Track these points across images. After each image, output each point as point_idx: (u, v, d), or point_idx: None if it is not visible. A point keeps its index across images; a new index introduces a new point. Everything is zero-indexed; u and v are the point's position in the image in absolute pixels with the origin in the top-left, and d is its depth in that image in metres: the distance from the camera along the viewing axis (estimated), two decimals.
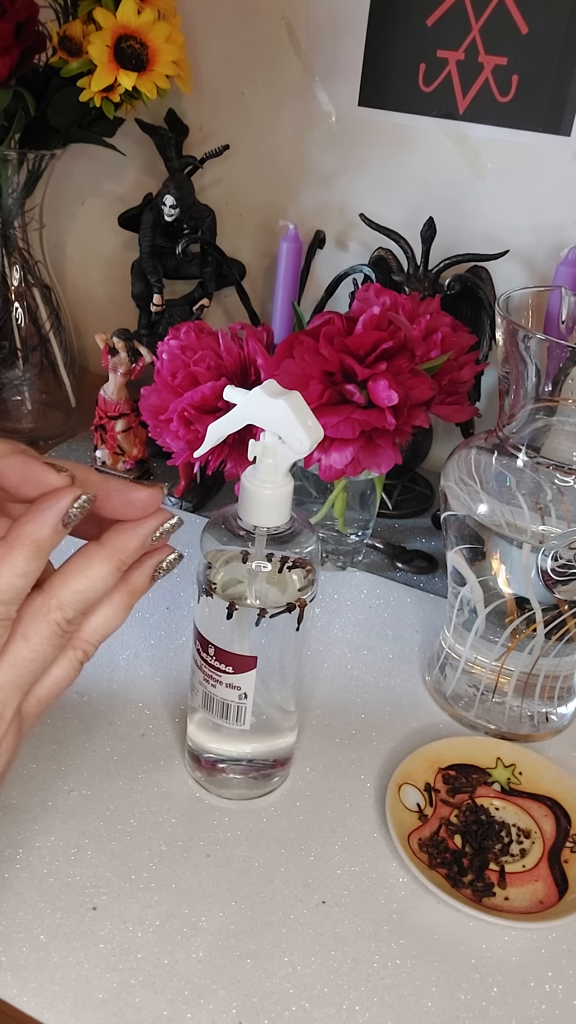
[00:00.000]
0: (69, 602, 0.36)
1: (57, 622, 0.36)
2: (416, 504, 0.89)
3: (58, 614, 0.36)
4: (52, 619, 0.36)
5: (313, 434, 0.45)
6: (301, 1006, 0.46)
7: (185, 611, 0.72)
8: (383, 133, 0.87)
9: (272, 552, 0.49)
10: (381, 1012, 0.46)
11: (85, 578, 0.36)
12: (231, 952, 0.48)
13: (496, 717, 0.63)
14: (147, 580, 0.39)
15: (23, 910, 0.49)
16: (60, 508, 0.34)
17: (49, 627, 0.36)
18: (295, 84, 0.88)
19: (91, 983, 0.46)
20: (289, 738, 0.56)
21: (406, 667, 0.69)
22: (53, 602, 0.36)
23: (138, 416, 0.82)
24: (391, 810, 0.55)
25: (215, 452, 0.68)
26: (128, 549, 0.37)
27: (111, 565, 0.37)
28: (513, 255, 0.84)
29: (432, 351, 0.69)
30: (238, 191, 0.95)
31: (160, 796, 0.56)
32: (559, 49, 0.77)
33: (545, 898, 0.52)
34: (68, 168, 1.00)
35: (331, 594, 0.76)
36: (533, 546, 0.56)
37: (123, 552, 0.37)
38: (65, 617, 0.36)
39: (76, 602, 0.36)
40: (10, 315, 0.92)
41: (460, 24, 0.79)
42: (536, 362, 0.55)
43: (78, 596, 0.36)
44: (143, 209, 0.90)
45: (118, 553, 0.37)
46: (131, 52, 0.77)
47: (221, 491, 0.89)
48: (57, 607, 0.36)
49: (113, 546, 0.37)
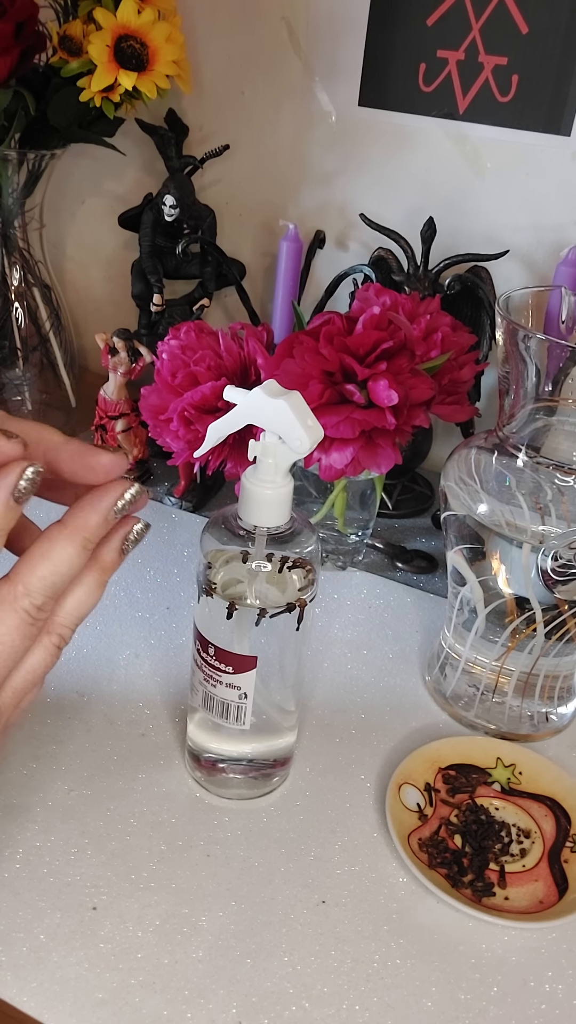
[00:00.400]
0: (36, 588, 0.35)
1: (26, 609, 0.35)
2: (416, 504, 0.89)
3: (26, 601, 0.35)
4: (20, 607, 0.34)
5: (313, 434, 0.45)
6: (301, 1006, 0.46)
7: (185, 611, 0.72)
8: (383, 133, 0.87)
9: (272, 552, 0.49)
10: (381, 1012, 0.46)
11: (50, 562, 0.35)
12: (231, 952, 0.48)
13: (496, 717, 0.63)
14: (117, 554, 0.37)
15: (23, 910, 0.49)
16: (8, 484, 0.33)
17: (18, 615, 0.35)
18: (295, 84, 0.88)
19: (91, 983, 0.46)
20: (289, 738, 0.56)
21: (406, 667, 0.69)
22: (20, 588, 0.34)
23: (138, 416, 0.82)
24: (391, 810, 0.55)
25: (215, 452, 0.68)
26: (91, 526, 0.35)
27: (76, 545, 0.35)
28: (513, 255, 0.84)
29: (432, 351, 0.69)
30: (238, 191, 0.95)
31: (160, 796, 0.56)
32: (559, 49, 0.77)
33: (545, 898, 0.52)
34: (68, 168, 1.00)
35: (331, 594, 0.76)
36: (533, 546, 0.56)
37: (86, 530, 0.35)
38: (34, 604, 0.35)
39: (43, 587, 0.35)
40: (10, 315, 0.92)
41: (460, 24, 0.79)
42: (536, 362, 0.55)
43: (45, 581, 0.35)
44: (143, 209, 0.90)
45: (81, 531, 0.35)
46: (131, 52, 0.77)
47: (221, 491, 0.89)
48: (24, 594, 0.34)
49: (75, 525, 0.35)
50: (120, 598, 0.73)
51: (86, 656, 0.66)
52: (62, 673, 0.64)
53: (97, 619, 0.70)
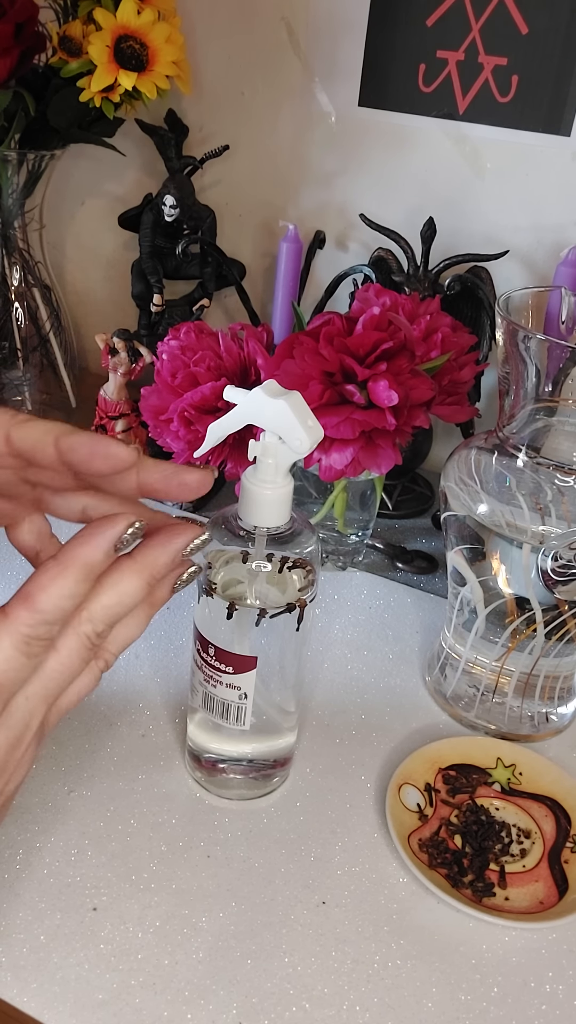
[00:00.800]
0: (99, 616, 0.36)
1: (88, 635, 0.36)
2: (416, 504, 0.89)
3: (88, 627, 0.36)
4: (83, 632, 0.36)
5: (313, 434, 0.45)
6: (301, 1006, 0.46)
7: (185, 611, 0.72)
8: (383, 133, 0.87)
9: (272, 552, 0.49)
10: (381, 1012, 0.46)
11: (116, 593, 0.36)
12: (231, 953, 0.48)
13: (496, 717, 0.63)
14: (168, 592, 0.39)
15: (23, 911, 0.49)
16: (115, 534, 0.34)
17: (79, 640, 0.36)
18: (295, 84, 0.88)
19: (91, 984, 0.46)
20: (289, 738, 0.56)
21: (406, 667, 0.69)
22: (84, 615, 0.36)
23: (138, 416, 0.82)
24: (391, 810, 0.55)
25: (215, 452, 0.68)
26: (159, 565, 0.37)
27: (142, 581, 0.37)
28: (513, 255, 0.84)
29: (432, 351, 0.69)
30: (238, 191, 0.95)
31: (160, 796, 0.56)
32: (559, 49, 0.77)
33: (545, 898, 0.52)
34: (68, 168, 1.00)
35: (331, 594, 0.76)
36: (533, 546, 0.56)
37: (154, 568, 0.37)
38: (96, 631, 0.36)
39: (106, 616, 0.36)
40: (10, 315, 0.92)
41: (460, 24, 0.79)
42: (536, 362, 0.55)
43: (108, 611, 0.36)
44: (143, 209, 0.90)
45: (149, 568, 0.37)
46: (131, 52, 0.77)
47: (221, 491, 0.89)
48: (88, 620, 0.36)
49: (144, 562, 0.37)
50: None
51: None
52: None
53: None
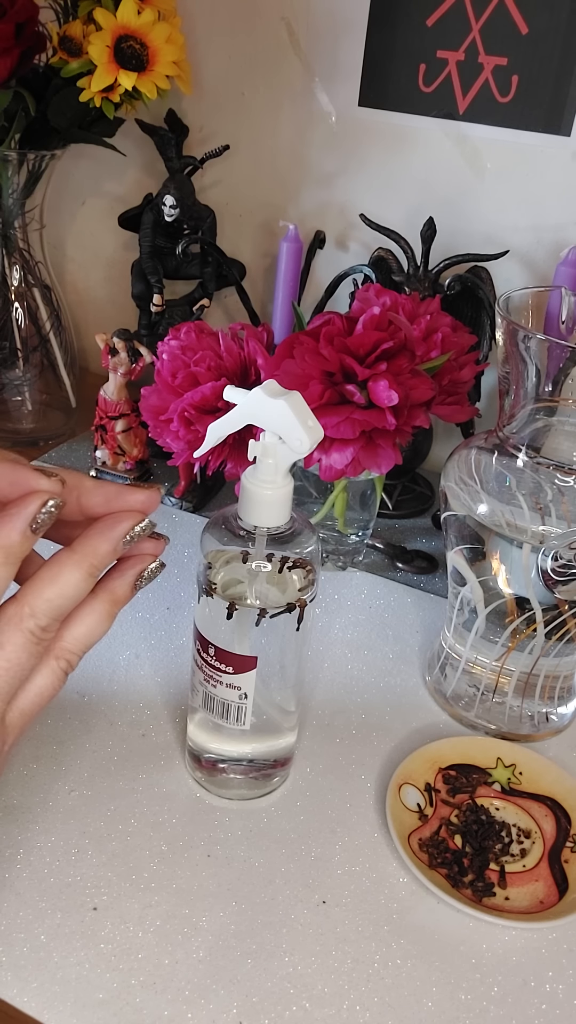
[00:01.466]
0: (41, 609, 0.36)
1: (31, 630, 0.36)
2: (416, 504, 0.89)
3: (31, 622, 0.36)
4: (26, 627, 0.36)
5: (313, 434, 0.45)
6: (302, 1006, 0.46)
7: (185, 611, 0.72)
8: (383, 133, 0.87)
9: (272, 552, 0.49)
10: (381, 1012, 0.46)
11: (56, 586, 0.36)
12: (232, 952, 0.48)
13: (496, 717, 0.63)
14: (129, 589, 0.39)
15: (24, 910, 0.49)
16: (28, 513, 0.34)
17: (23, 635, 0.36)
18: (295, 84, 0.88)
19: (92, 983, 0.46)
20: (289, 738, 0.56)
21: (406, 667, 0.69)
22: (26, 610, 0.36)
23: (138, 416, 0.82)
24: (391, 810, 0.55)
25: (215, 452, 0.68)
26: (99, 554, 0.37)
27: (82, 571, 0.36)
28: (513, 255, 0.84)
29: (432, 351, 0.69)
30: (238, 191, 0.95)
31: (160, 796, 0.56)
32: (559, 49, 0.77)
33: (545, 898, 0.52)
34: (68, 168, 1.00)
35: (331, 594, 0.76)
36: (533, 546, 0.56)
37: (94, 557, 0.37)
38: (39, 625, 0.36)
39: (48, 609, 0.36)
40: (10, 315, 0.92)
41: (460, 24, 0.79)
42: (536, 362, 0.55)
43: (50, 604, 0.36)
44: (143, 209, 0.90)
45: (88, 558, 0.36)
46: (131, 52, 0.77)
47: (221, 491, 0.89)
48: (30, 615, 0.36)
49: (84, 551, 0.36)
50: None
51: (86, 656, 0.66)
52: None
53: None
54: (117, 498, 0.38)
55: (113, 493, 0.38)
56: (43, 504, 0.34)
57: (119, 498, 0.38)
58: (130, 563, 0.39)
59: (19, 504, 0.34)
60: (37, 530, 0.35)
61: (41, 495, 0.34)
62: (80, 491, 0.37)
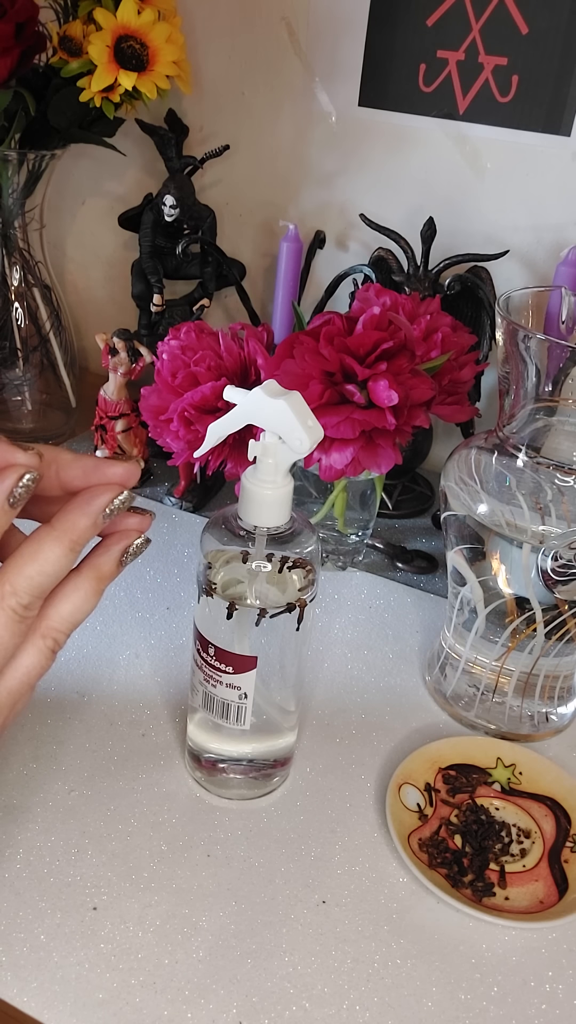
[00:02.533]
0: (22, 587, 0.35)
1: (13, 608, 0.35)
2: (416, 504, 0.89)
3: (12, 600, 0.35)
4: (7, 605, 0.35)
5: (313, 434, 0.45)
6: (301, 1006, 0.46)
7: (185, 611, 0.72)
8: (383, 133, 0.87)
9: (272, 552, 0.49)
10: (381, 1012, 0.46)
11: (37, 562, 0.35)
12: (231, 952, 0.48)
13: (496, 717, 0.63)
14: (115, 565, 0.38)
15: (23, 910, 0.49)
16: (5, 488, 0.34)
17: (4, 614, 0.35)
18: (295, 84, 0.88)
19: (91, 983, 0.46)
20: (289, 738, 0.56)
21: (406, 667, 0.69)
22: (7, 588, 0.35)
23: (138, 416, 0.82)
24: (391, 810, 0.55)
25: (215, 452, 0.68)
26: (79, 528, 0.36)
27: (63, 547, 0.36)
28: (513, 255, 0.84)
29: (432, 351, 0.69)
30: (238, 191, 0.95)
31: (160, 796, 0.56)
32: (559, 49, 0.77)
33: (545, 898, 0.52)
34: (68, 168, 1.00)
35: (331, 594, 0.76)
36: (533, 546, 0.56)
37: (73, 532, 0.36)
38: (20, 603, 0.35)
39: (30, 587, 0.35)
40: (10, 315, 0.92)
41: (460, 24, 0.79)
42: (536, 362, 0.55)
43: (31, 581, 0.35)
44: (143, 209, 0.90)
45: (68, 533, 0.36)
46: (131, 52, 0.77)
47: (221, 491, 0.89)
48: (11, 593, 0.35)
49: (63, 527, 0.36)
50: (120, 598, 0.73)
51: (86, 656, 0.66)
52: (62, 673, 0.64)
53: (97, 619, 0.70)
54: (95, 471, 0.37)
55: (91, 466, 0.37)
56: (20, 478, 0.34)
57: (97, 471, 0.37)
58: (115, 538, 0.38)
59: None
60: (15, 504, 0.34)
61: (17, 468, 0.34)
62: (58, 465, 0.37)
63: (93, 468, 0.37)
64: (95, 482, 0.37)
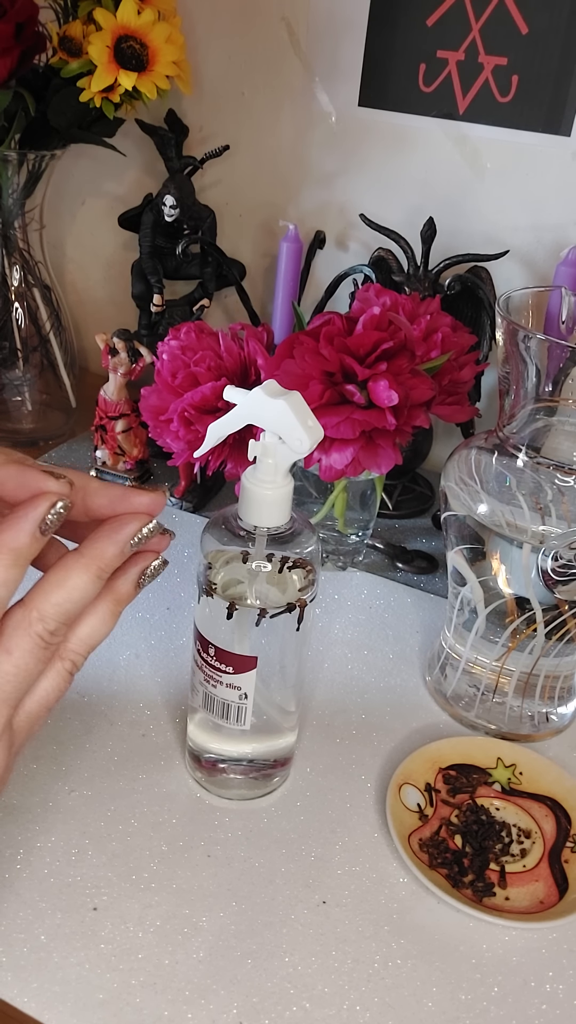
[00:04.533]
0: (50, 614, 0.36)
1: (39, 634, 0.36)
2: (416, 504, 0.89)
3: (39, 626, 0.36)
4: (34, 632, 0.36)
5: (313, 434, 0.45)
6: (302, 1006, 0.46)
7: (185, 611, 0.72)
8: (383, 133, 0.87)
9: (272, 552, 0.49)
10: (382, 1012, 0.46)
11: (64, 589, 0.36)
12: (232, 952, 0.48)
13: (496, 717, 0.63)
14: (132, 587, 0.39)
15: (24, 910, 0.49)
16: (37, 515, 0.34)
17: (31, 640, 0.36)
18: (295, 84, 0.88)
19: (92, 983, 0.46)
20: (289, 738, 0.56)
21: (406, 667, 0.69)
22: (34, 615, 0.36)
23: (138, 416, 0.82)
24: (391, 810, 0.55)
25: (215, 452, 0.68)
26: (106, 557, 0.37)
27: (90, 574, 0.36)
28: (513, 255, 0.84)
29: (432, 351, 0.69)
30: (238, 191, 0.95)
31: (161, 796, 0.56)
32: (559, 49, 0.77)
33: (545, 898, 0.52)
34: (68, 169, 1.00)
35: (331, 594, 0.76)
36: (533, 546, 0.56)
37: (101, 560, 0.36)
38: (47, 629, 0.36)
39: (57, 614, 0.36)
40: (10, 315, 0.92)
41: (460, 24, 0.79)
42: (536, 362, 0.55)
43: (58, 608, 0.36)
44: (143, 209, 0.90)
45: (96, 561, 0.36)
46: (131, 52, 0.77)
47: (221, 491, 0.89)
48: (38, 619, 0.36)
49: (91, 555, 0.36)
50: None
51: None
52: None
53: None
54: (122, 500, 0.38)
55: (118, 495, 0.38)
56: (52, 506, 0.34)
57: (124, 500, 0.38)
58: (132, 560, 0.39)
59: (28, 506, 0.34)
60: (46, 532, 0.35)
61: (50, 497, 0.34)
62: (85, 492, 0.37)
63: (120, 497, 0.38)
64: (122, 511, 0.38)
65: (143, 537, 0.37)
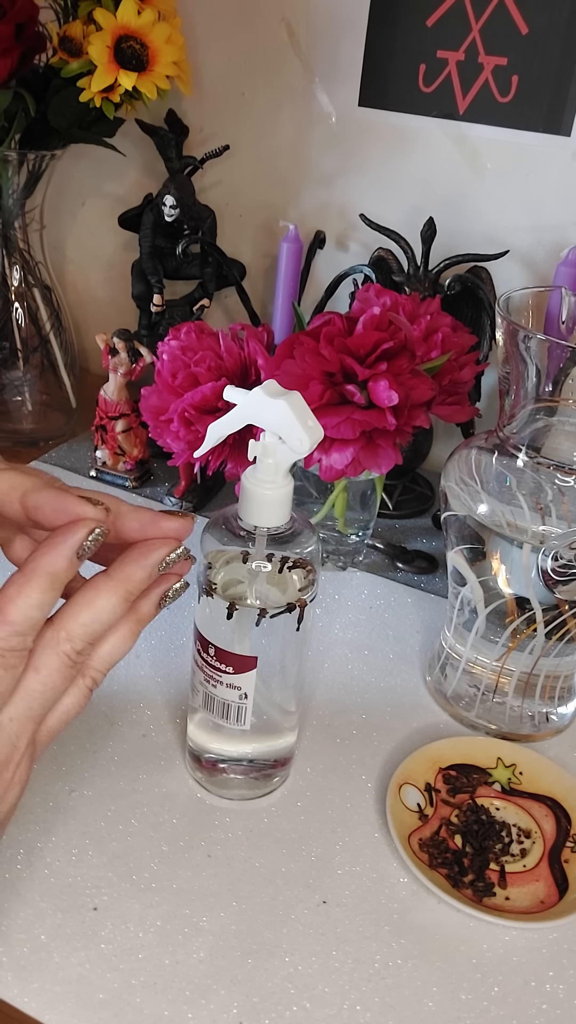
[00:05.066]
0: (78, 634, 0.37)
1: (67, 653, 0.37)
2: (416, 504, 0.89)
3: (67, 646, 0.37)
4: (62, 651, 0.37)
5: (313, 434, 0.45)
6: (302, 1006, 0.46)
7: (185, 611, 0.72)
8: (383, 133, 0.87)
9: (272, 552, 0.49)
10: (382, 1012, 0.46)
11: (92, 610, 0.37)
12: (232, 952, 0.48)
13: (497, 717, 0.63)
14: (153, 608, 0.40)
15: (24, 910, 0.49)
16: (75, 541, 0.35)
17: (59, 659, 0.37)
18: (295, 84, 0.88)
19: (92, 983, 0.46)
20: (290, 738, 0.56)
21: (407, 667, 0.69)
22: (62, 634, 0.37)
23: (138, 416, 0.82)
24: (392, 810, 0.55)
25: (215, 452, 0.68)
26: (135, 580, 0.38)
27: (118, 596, 0.37)
28: (513, 255, 0.84)
29: (432, 351, 0.69)
30: (238, 192, 0.95)
31: (161, 796, 0.56)
32: (559, 49, 0.77)
33: (546, 898, 0.52)
34: (68, 169, 1.00)
35: (332, 594, 0.76)
36: (533, 546, 0.56)
37: (130, 583, 0.38)
38: (75, 648, 0.37)
39: (84, 634, 0.37)
40: (10, 316, 0.92)
41: (460, 24, 0.79)
42: (536, 362, 0.55)
43: (86, 628, 0.37)
44: (143, 210, 0.90)
45: (125, 584, 0.37)
46: (131, 53, 0.77)
47: (221, 491, 0.89)
48: (66, 639, 0.37)
49: (119, 577, 0.37)
50: None
51: None
52: None
53: None
54: (152, 524, 0.38)
55: (148, 520, 0.39)
56: (90, 532, 0.35)
57: (154, 524, 0.38)
58: (155, 582, 0.40)
59: (66, 532, 0.35)
60: (83, 557, 0.35)
61: (88, 523, 0.35)
62: (116, 516, 0.38)
63: (150, 521, 0.39)
64: (151, 535, 0.39)
65: (171, 562, 0.39)
